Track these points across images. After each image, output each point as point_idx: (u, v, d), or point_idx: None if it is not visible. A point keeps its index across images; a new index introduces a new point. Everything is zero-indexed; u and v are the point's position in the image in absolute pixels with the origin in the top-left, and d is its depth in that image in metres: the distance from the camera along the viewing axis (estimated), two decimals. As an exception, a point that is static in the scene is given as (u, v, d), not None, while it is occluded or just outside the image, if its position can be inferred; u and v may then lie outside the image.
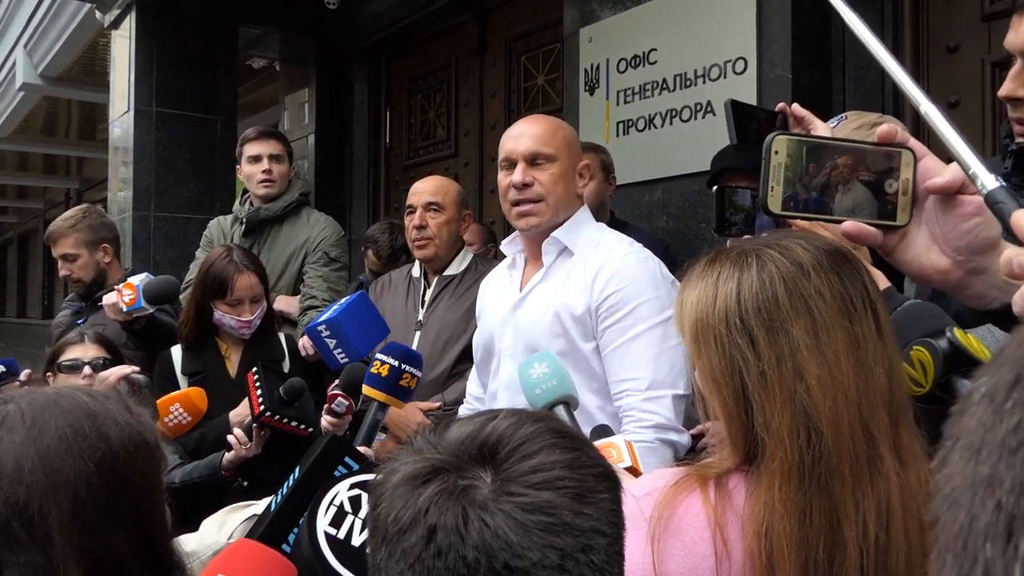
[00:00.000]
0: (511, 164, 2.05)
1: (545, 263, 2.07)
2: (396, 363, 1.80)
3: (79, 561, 0.92)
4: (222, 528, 1.68)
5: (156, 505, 1.04)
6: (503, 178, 2.07)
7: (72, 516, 0.93)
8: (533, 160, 2.02)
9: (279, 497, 1.41)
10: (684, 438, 1.85)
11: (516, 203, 2.03)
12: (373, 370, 1.80)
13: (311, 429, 2.31)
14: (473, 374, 2.35)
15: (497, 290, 2.23)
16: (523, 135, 2.05)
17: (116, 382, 2.25)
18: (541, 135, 2.03)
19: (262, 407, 2.23)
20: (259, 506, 1.59)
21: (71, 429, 0.96)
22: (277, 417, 2.25)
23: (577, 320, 1.94)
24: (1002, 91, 1.44)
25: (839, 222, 0.93)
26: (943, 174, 0.90)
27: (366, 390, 1.81)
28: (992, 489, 0.32)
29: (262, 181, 3.50)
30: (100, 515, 0.96)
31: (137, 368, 2.39)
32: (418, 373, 1.86)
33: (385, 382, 1.79)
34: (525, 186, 2.01)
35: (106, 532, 0.96)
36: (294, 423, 2.28)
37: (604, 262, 1.95)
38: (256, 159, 3.51)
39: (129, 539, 0.98)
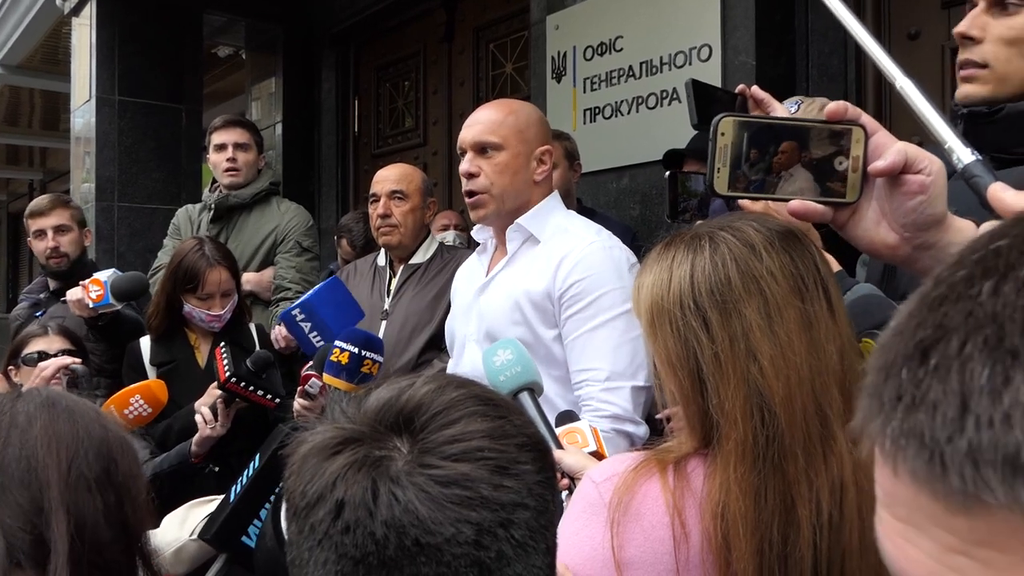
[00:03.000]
0: (463, 152, 2.04)
1: (509, 250, 2.05)
2: (356, 350, 1.79)
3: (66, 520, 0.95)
4: (184, 524, 1.66)
5: (140, 497, 1.08)
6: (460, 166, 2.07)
7: (66, 480, 0.98)
8: (481, 149, 2.00)
9: (238, 487, 1.41)
10: (641, 429, 1.84)
11: (467, 194, 2.03)
12: (333, 358, 1.79)
13: (278, 400, 2.29)
14: (451, 361, 2.35)
15: (467, 275, 2.22)
16: (473, 123, 2.03)
17: (54, 373, 2.20)
18: (488, 123, 2.01)
19: (227, 374, 2.21)
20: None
21: (72, 408, 1.04)
22: (243, 384, 2.22)
23: (537, 307, 1.93)
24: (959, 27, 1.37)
25: (787, 201, 0.93)
26: (885, 156, 0.90)
27: (327, 379, 1.79)
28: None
29: (227, 170, 3.48)
30: (87, 487, 1.00)
31: (79, 360, 2.33)
32: (379, 359, 1.85)
33: (346, 369, 1.78)
34: (471, 176, 2.00)
35: (91, 496, 1.00)
36: (259, 392, 2.25)
37: (569, 250, 1.93)
38: (221, 147, 3.49)
39: (110, 514, 1.02)
